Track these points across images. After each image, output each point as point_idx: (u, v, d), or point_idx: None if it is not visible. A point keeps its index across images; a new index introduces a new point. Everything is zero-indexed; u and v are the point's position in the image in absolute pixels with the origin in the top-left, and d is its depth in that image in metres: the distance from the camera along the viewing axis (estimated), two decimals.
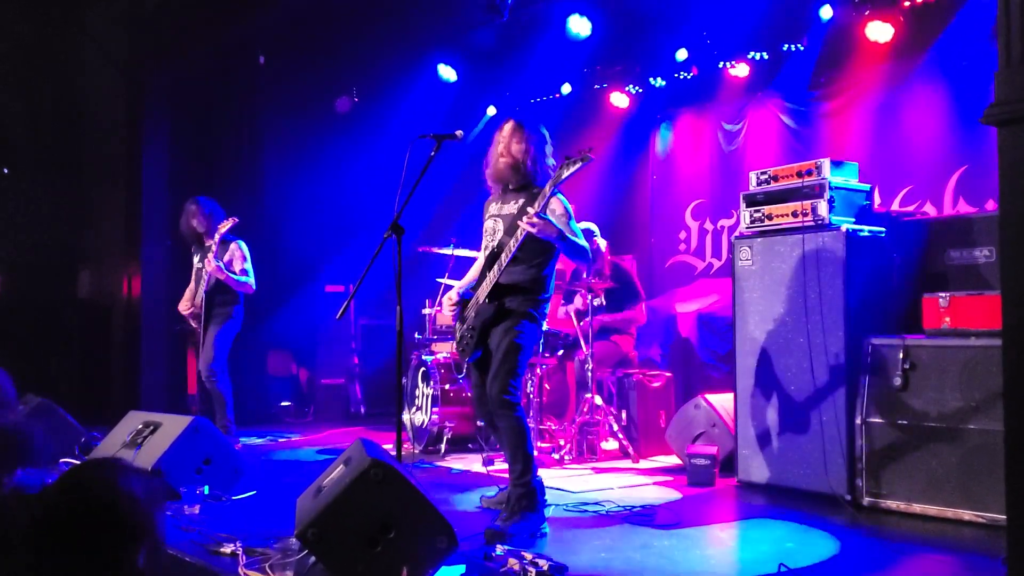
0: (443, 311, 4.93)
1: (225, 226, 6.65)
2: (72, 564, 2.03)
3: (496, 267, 4.35)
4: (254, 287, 6.85)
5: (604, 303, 6.67)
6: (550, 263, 4.44)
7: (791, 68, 7.54)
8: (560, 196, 4.41)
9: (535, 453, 4.44)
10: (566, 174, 4.14)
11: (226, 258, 6.75)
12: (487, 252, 4.53)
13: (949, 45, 6.58)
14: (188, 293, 6.97)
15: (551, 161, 4.50)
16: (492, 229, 4.55)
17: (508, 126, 4.52)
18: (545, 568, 3.26)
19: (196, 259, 6.95)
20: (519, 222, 4.22)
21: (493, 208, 4.61)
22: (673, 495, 5.21)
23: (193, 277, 6.97)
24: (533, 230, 4.12)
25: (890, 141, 7.01)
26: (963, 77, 6.52)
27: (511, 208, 4.46)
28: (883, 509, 4.58)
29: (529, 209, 4.18)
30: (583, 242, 4.38)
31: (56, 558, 2.03)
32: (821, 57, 7.35)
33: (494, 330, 4.37)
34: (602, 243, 7.04)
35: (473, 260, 5.13)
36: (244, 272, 6.79)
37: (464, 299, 4.61)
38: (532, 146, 4.46)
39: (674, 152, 8.71)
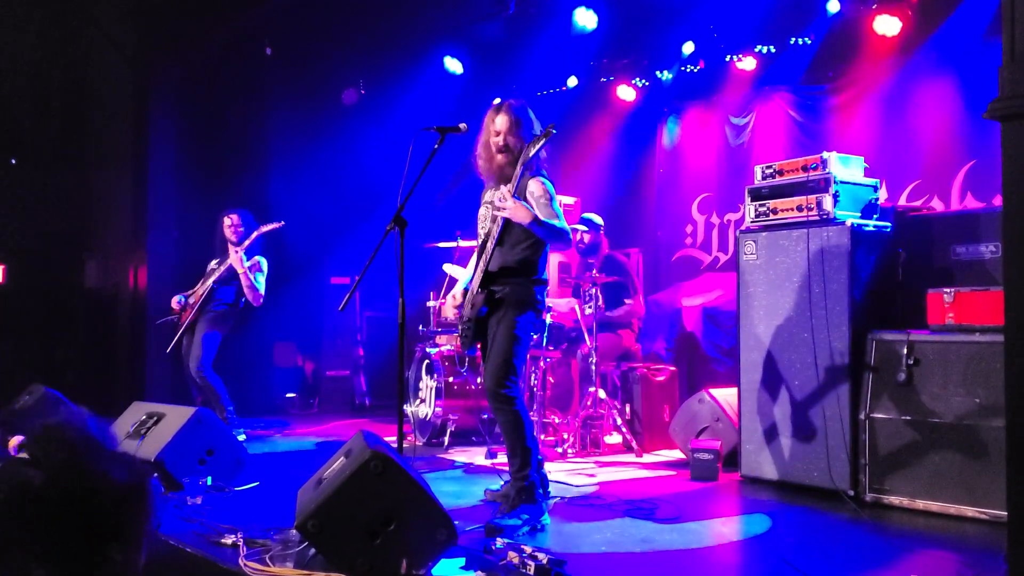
0: (446, 311, 4.84)
1: (270, 227, 6.83)
2: (53, 553, 2.02)
3: (484, 254, 4.33)
4: (262, 299, 6.92)
5: (600, 297, 6.66)
6: (539, 245, 4.34)
7: (798, 62, 7.50)
8: (542, 177, 4.35)
9: (539, 447, 4.43)
10: (532, 151, 4.17)
11: (248, 264, 6.83)
12: (479, 241, 4.52)
13: (955, 37, 6.54)
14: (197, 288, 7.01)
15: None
16: (483, 216, 4.53)
17: (504, 121, 4.35)
18: (544, 561, 3.25)
19: (214, 263, 7.00)
20: (494, 205, 4.22)
21: (487, 195, 4.57)
22: (676, 489, 5.20)
23: (204, 275, 7.01)
24: (504, 213, 4.13)
25: (898, 135, 6.98)
26: (971, 70, 6.49)
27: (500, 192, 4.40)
28: (886, 505, 4.57)
29: (503, 189, 4.18)
30: (562, 224, 4.26)
31: (38, 545, 2.02)
32: (828, 51, 7.31)
33: (490, 321, 4.33)
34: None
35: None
36: (258, 280, 6.87)
37: (467, 291, 4.61)
38: (524, 132, 4.36)
39: (681, 146, 8.67)
